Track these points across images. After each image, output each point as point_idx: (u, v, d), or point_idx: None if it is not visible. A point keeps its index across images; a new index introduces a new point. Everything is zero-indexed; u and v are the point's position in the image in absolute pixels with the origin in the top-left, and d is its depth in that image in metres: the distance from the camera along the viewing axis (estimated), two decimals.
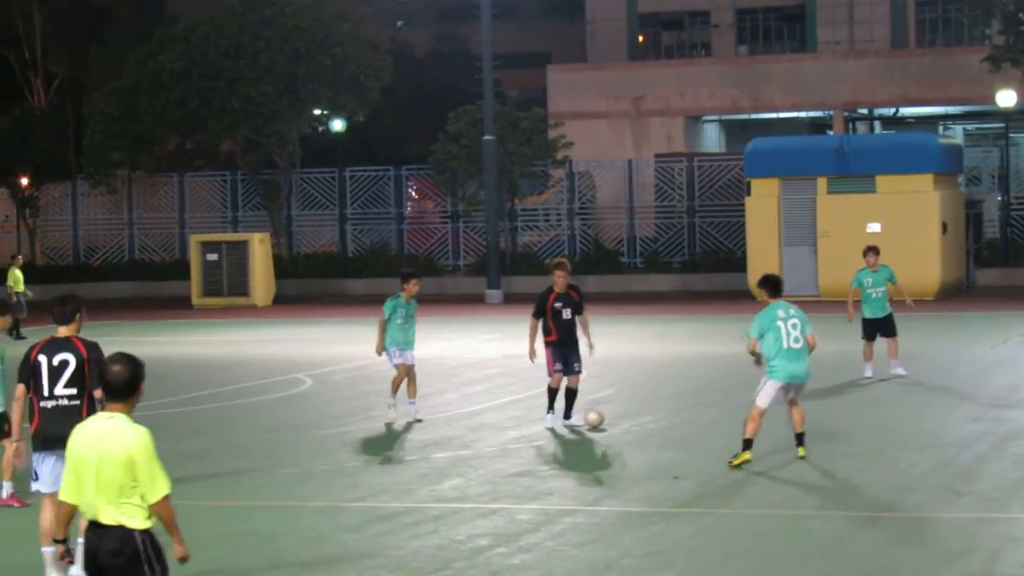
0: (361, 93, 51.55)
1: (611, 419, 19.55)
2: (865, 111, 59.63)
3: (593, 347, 19.37)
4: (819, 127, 61.31)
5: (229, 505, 14.95)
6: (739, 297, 42.77)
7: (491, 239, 46.85)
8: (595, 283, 44.81)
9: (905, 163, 41.14)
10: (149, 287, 52.72)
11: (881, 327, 23.78)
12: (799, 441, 16.62)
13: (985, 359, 26.64)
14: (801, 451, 16.57)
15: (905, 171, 40.96)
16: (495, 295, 45.86)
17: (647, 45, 66.70)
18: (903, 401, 21.63)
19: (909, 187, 40.74)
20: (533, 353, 19.36)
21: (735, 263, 46.40)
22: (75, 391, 11.95)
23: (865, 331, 23.84)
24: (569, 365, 19.19)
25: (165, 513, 8.45)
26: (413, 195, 56.18)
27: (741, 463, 16.18)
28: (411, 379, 20.35)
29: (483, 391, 23.85)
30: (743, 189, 45.28)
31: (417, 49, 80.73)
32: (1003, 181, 49.31)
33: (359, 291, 50.41)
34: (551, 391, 19.36)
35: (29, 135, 53.91)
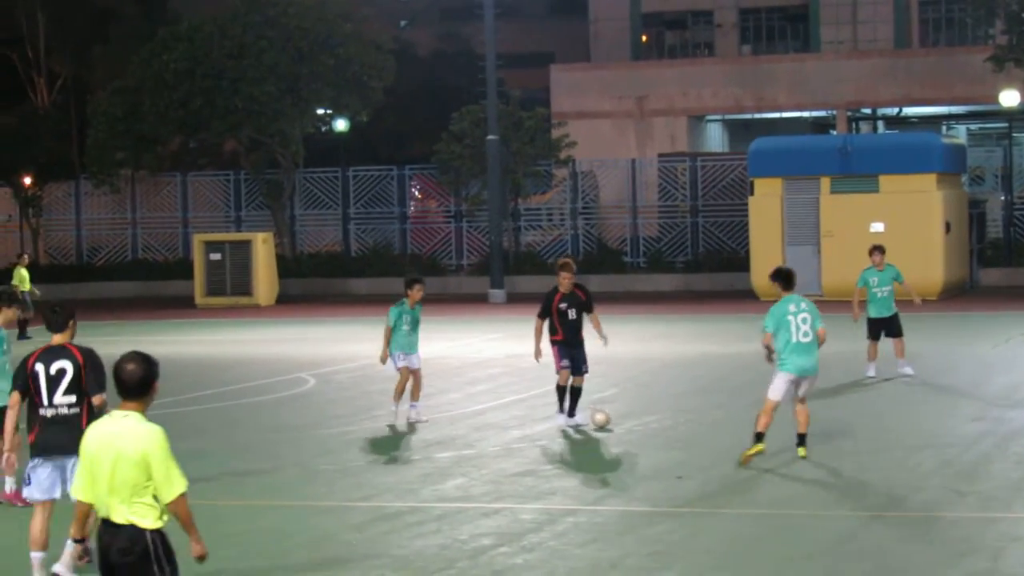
0: (364, 93, 51.56)
1: (614, 419, 19.55)
2: (868, 111, 59.57)
3: (607, 339, 19.32)
4: (822, 127, 61.28)
5: (233, 504, 14.96)
6: (742, 297, 42.78)
7: (494, 239, 46.85)
8: (598, 283, 44.76)
9: (908, 163, 41.13)
10: (152, 287, 52.73)
11: (887, 327, 23.76)
12: (800, 441, 16.63)
13: (988, 358, 26.64)
14: (801, 451, 16.57)
15: (908, 171, 40.96)
16: (498, 295, 45.87)
17: (650, 45, 66.68)
18: (906, 400, 21.64)
19: (912, 187, 40.73)
20: (539, 353, 19.35)
21: (738, 263, 46.39)
22: (74, 399, 11.89)
23: (870, 330, 23.83)
24: (576, 364, 19.17)
25: (182, 511, 8.43)
26: (416, 195, 56.19)
27: (754, 454, 16.27)
28: (416, 382, 20.33)
29: (486, 391, 23.86)
30: (746, 189, 45.27)
31: (420, 49, 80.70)
32: (1006, 181, 49.28)
33: (362, 291, 50.43)
34: (560, 389, 19.32)
35: (32, 134, 53.93)
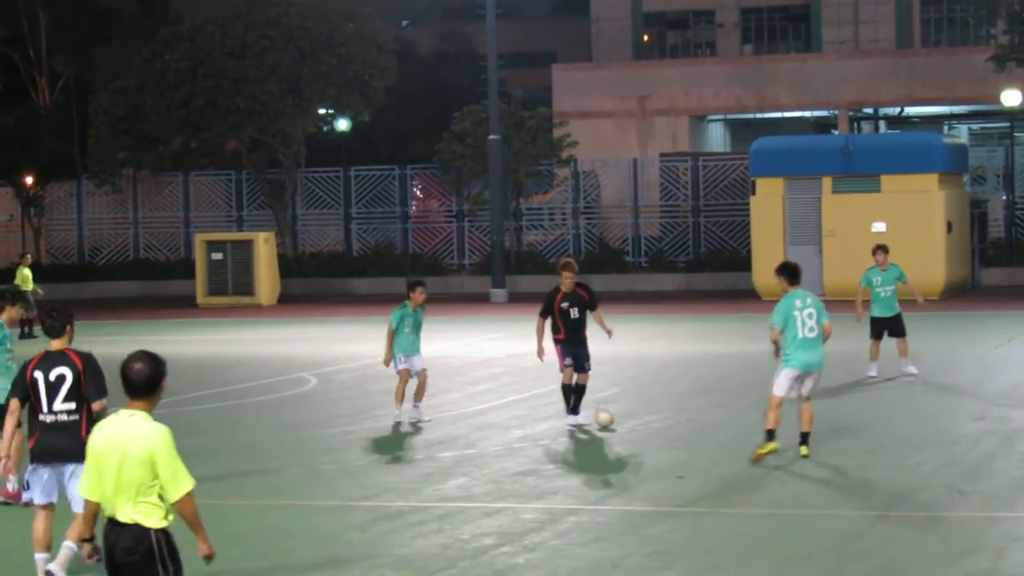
0: (366, 92, 51.55)
1: (616, 418, 19.52)
2: (870, 111, 59.54)
3: (611, 332, 19.24)
4: (824, 127, 61.25)
5: (235, 504, 14.96)
6: (744, 297, 42.78)
7: (496, 238, 46.85)
8: (600, 282, 44.74)
9: (910, 163, 41.12)
10: (154, 286, 52.73)
11: (890, 326, 23.76)
12: (803, 440, 16.65)
13: (990, 358, 26.64)
14: (804, 450, 16.59)
15: (910, 171, 40.95)
16: (500, 294, 45.86)
17: (652, 44, 66.66)
18: (908, 400, 21.64)
19: (914, 187, 40.73)
20: (541, 351, 19.30)
21: (740, 262, 46.38)
22: (73, 405, 11.81)
23: (873, 330, 23.83)
24: (579, 362, 19.14)
25: (188, 511, 8.43)
26: (418, 194, 56.19)
27: (766, 452, 16.36)
28: (421, 383, 20.27)
29: (488, 390, 23.86)
30: (748, 188, 45.25)
31: (422, 48, 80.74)
32: (1008, 180, 49.27)
33: (364, 290, 50.43)
34: (565, 389, 19.26)
35: (34, 134, 53.91)
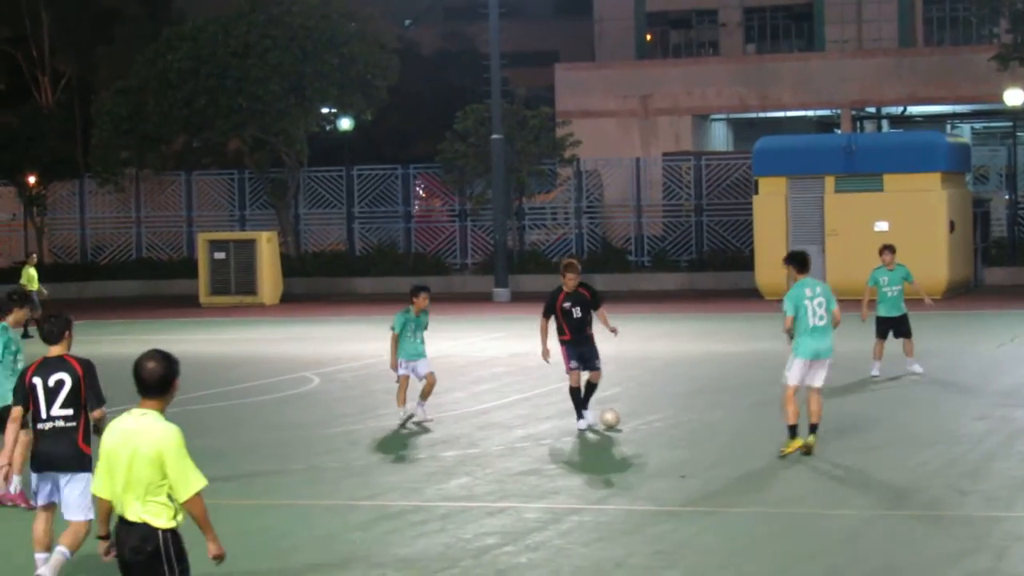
0: (368, 92, 51.58)
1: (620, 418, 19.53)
2: (873, 110, 59.55)
3: (616, 330, 19.14)
4: (827, 126, 61.26)
5: (239, 504, 14.95)
6: (746, 296, 42.79)
7: (499, 237, 46.86)
8: (603, 281, 44.76)
9: (913, 162, 41.12)
10: (156, 285, 52.78)
11: (896, 326, 23.76)
12: (812, 430, 16.81)
13: (992, 357, 26.65)
14: (811, 439, 16.71)
15: (913, 170, 40.96)
16: (502, 293, 45.89)
17: (655, 44, 66.67)
18: (911, 399, 21.64)
19: (917, 186, 40.74)
20: (546, 352, 19.12)
21: (743, 262, 46.40)
22: (71, 412, 11.76)
23: (879, 329, 23.82)
24: (587, 361, 18.95)
25: (197, 510, 8.41)
26: (421, 194, 56.19)
27: (793, 450, 16.54)
28: (428, 385, 20.18)
29: (490, 389, 23.87)
30: (751, 188, 45.28)
31: (424, 48, 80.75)
32: (1011, 180, 49.28)
33: (366, 289, 50.45)
34: (573, 392, 19.07)
35: (37, 134, 53.96)
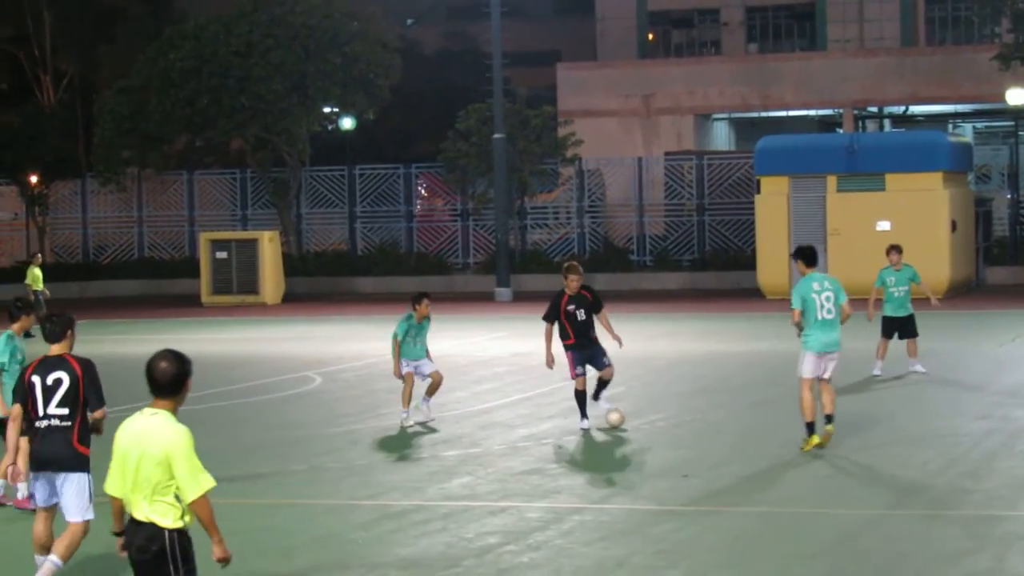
0: (371, 91, 51.56)
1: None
2: (875, 109, 59.53)
3: (620, 340, 19.09)
4: (829, 125, 61.25)
5: (241, 503, 14.95)
6: (749, 295, 42.78)
7: (500, 237, 46.84)
8: (604, 281, 44.77)
9: (915, 161, 41.11)
10: (158, 285, 52.77)
11: (901, 326, 23.75)
12: (828, 420, 17.04)
13: (994, 357, 26.64)
14: (829, 428, 16.98)
15: (915, 169, 40.94)
16: (504, 293, 45.87)
17: (657, 43, 66.69)
18: (914, 398, 21.64)
19: (919, 185, 40.72)
20: (551, 359, 19.04)
21: (745, 261, 46.38)
22: (67, 411, 11.75)
23: (884, 328, 23.80)
24: (596, 362, 18.86)
25: (203, 512, 8.38)
26: (423, 193, 56.17)
27: (811, 447, 16.78)
28: (435, 382, 20.17)
29: (492, 389, 23.87)
30: (753, 187, 45.26)
31: (427, 47, 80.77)
32: (1012, 179, 49.28)
33: (368, 289, 50.44)
34: (578, 394, 18.99)
35: (38, 133, 53.94)
